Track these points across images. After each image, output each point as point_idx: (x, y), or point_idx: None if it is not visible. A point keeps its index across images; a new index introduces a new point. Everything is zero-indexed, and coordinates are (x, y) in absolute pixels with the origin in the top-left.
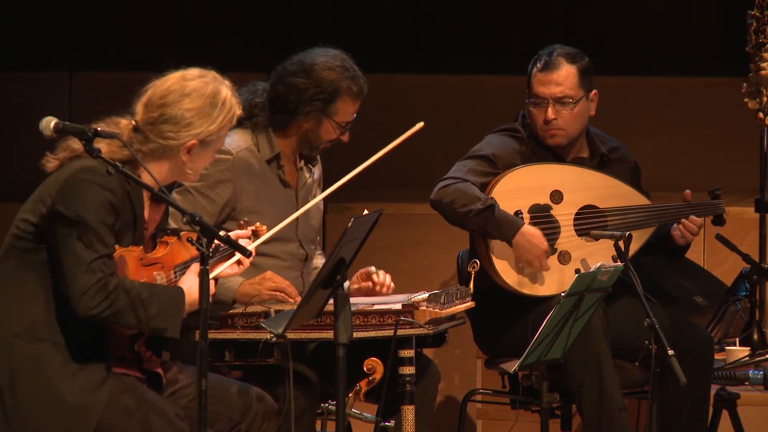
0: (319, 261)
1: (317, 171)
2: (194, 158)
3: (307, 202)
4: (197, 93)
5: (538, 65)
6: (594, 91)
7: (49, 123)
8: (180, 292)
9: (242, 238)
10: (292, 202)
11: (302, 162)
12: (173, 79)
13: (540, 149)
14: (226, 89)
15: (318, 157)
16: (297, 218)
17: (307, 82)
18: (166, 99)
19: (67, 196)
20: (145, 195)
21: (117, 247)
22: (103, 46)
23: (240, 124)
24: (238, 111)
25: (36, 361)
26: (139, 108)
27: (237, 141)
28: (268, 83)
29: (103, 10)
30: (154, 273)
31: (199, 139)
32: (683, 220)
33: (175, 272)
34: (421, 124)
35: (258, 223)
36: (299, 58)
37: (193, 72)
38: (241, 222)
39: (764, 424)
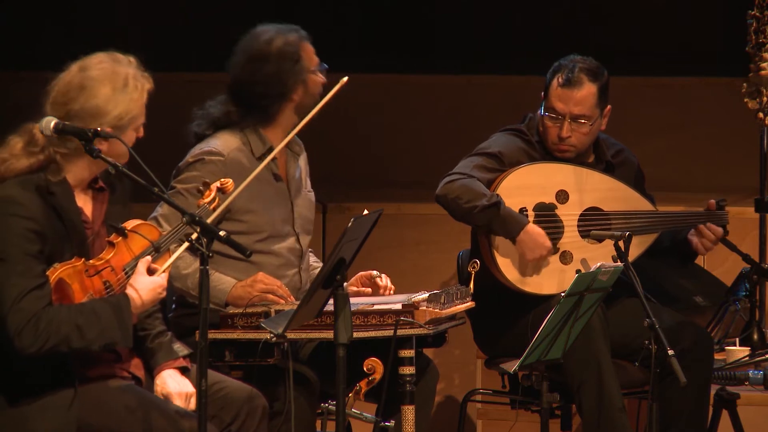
0: (313, 262)
1: (302, 161)
2: (113, 144)
3: (299, 193)
4: (97, 82)
5: (560, 79)
6: (608, 107)
7: (49, 123)
8: (124, 299)
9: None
10: (285, 195)
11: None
12: (72, 73)
13: (547, 156)
14: (126, 68)
15: (303, 146)
16: (293, 212)
17: (274, 64)
18: (67, 95)
19: None
20: (81, 193)
21: (56, 266)
22: (102, 46)
23: (224, 128)
24: (148, 85)
25: (6, 397)
26: (47, 109)
27: (227, 142)
28: (226, 96)
29: (103, 10)
30: (103, 280)
31: (112, 125)
32: (701, 227)
33: (125, 272)
34: (345, 79)
35: (222, 179)
36: (244, 57)
37: (92, 60)
38: (200, 187)
39: (764, 424)
